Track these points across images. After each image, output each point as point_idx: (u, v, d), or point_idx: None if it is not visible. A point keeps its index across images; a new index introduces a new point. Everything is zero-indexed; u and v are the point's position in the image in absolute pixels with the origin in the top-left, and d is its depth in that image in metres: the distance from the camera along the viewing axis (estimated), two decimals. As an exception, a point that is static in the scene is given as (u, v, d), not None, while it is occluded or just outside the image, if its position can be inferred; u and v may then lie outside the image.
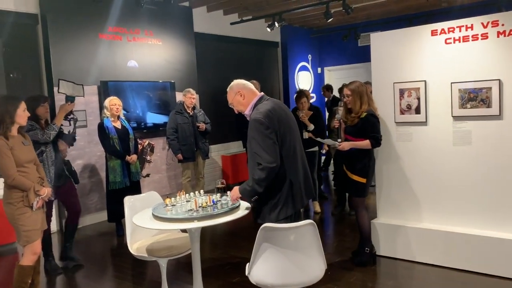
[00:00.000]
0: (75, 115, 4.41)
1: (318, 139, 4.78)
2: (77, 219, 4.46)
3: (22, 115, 3.26)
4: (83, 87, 4.41)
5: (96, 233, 5.61)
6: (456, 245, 3.81)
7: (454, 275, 3.74)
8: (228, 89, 3.00)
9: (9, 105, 3.21)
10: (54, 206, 4.61)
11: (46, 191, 3.32)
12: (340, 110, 5.56)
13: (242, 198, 2.94)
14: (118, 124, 5.13)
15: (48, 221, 4.23)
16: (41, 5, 5.60)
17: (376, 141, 3.85)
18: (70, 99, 4.20)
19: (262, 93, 3.00)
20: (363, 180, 3.91)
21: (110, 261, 4.69)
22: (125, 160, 5.11)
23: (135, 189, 5.06)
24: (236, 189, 2.90)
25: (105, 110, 5.12)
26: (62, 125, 4.21)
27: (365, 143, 3.83)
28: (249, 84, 2.99)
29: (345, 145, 3.89)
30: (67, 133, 4.35)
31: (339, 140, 4.01)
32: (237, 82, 2.99)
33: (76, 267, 4.38)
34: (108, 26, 6.21)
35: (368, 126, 3.83)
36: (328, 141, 4.32)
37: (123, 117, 5.25)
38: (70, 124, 4.35)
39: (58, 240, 5.21)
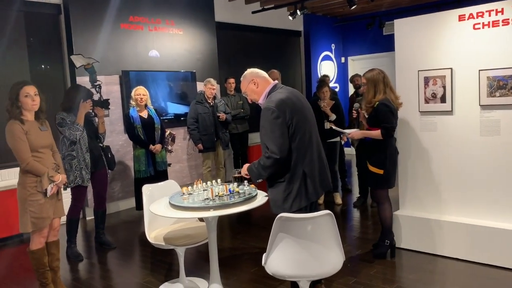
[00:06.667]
0: (100, 80, 4.57)
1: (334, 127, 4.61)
2: (103, 205, 4.66)
3: (24, 100, 3.20)
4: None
5: (121, 221, 5.69)
6: (481, 238, 3.68)
7: (478, 270, 3.61)
8: (242, 78, 2.97)
9: (13, 90, 3.22)
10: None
11: (61, 178, 3.33)
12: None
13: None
14: (144, 114, 5.17)
15: (80, 207, 4.37)
16: (63, -5, 5.65)
17: (387, 131, 3.67)
18: (90, 70, 4.46)
19: (276, 81, 2.95)
20: (380, 172, 3.77)
21: (132, 249, 4.74)
22: (149, 150, 5.14)
23: (162, 178, 5.05)
24: (245, 166, 2.94)
25: (131, 100, 5.20)
26: (94, 115, 4.44)
27: (376, 133, 3.71)
28: (263, 73, 2.94)
29: (355, 134, 3.91)
30: (97, 99, 4.45)
31: (357, 129, 3.98)
32: (251, 71, 2.95)
33: (102, 253, 4.54)
34: (130, 15, 6.23)
35: (380, 116, 3.70)
36: (339, 130, 4.33)
37: (150, 107, 5.26)
38: (96, 92, 4.49)
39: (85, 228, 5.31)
